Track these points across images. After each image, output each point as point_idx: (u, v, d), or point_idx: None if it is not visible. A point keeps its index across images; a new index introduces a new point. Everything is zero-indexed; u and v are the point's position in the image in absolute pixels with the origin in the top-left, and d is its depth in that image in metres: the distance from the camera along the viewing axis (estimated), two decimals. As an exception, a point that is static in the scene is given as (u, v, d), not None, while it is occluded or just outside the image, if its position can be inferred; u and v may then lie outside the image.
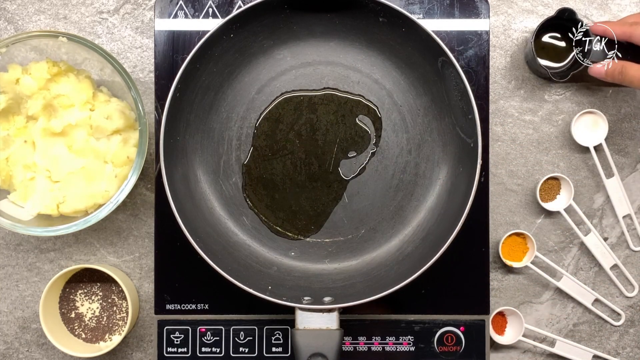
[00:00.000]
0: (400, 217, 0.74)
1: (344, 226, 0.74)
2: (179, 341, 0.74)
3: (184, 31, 0.74)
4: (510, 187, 0.78)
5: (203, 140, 0.73)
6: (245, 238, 0.74)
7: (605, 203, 0.78)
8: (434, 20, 0.74)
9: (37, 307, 0.77)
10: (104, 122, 0.71)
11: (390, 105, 0.74)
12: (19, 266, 0.77)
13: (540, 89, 0.78)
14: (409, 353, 0.74)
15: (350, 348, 0.74)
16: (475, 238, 0.74)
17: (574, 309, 0.78)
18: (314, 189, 0.74)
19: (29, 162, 0.71)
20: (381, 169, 0.74)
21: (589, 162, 0.78)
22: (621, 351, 0.78)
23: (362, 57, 0.74)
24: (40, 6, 0.78)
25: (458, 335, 0.74)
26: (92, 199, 0.71)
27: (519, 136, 0.78)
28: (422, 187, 0.74)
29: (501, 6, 0.79)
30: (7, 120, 0.72)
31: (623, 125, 0.78)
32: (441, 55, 0.68)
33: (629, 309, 0.79)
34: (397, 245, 0.73)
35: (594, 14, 0.78)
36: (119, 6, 0.78)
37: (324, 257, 0.73)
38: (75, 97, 0.71)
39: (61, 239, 0.77)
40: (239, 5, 0.74)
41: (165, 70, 0.74)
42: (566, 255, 0.78)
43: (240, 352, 0.74)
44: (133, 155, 0.72)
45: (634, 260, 0.79)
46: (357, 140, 0.74)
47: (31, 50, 0.71)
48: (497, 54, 0.78)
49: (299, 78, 0.74)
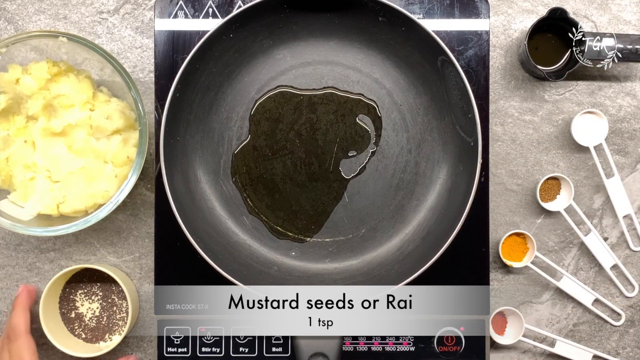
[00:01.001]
0: (401, 216, 0.74)
1: (344, 226, 0.74)
2: (179, 341, 0.73)
3: (184, 31, 0.74)
4: (510, 187, 0.78)
5: (203, 140, 0.73)
6: (245, 238, 0.74)
7: (605, 203, 0.78)
8: (434, 20, 0.74)
9: (37, 307, 0.77)
10: (104, 122, 0.71)
11: (390, 105, 0.74)
12: (19, 266, 0.77)
13: (540, 89, 0.78)
14: (409, 353, 0.74)
15: (350, 348, 0.74)
16: (475, 238, 0.74)
17: (574, 309, 0.78)
18: (314, 189, 0.74)
19: (29, 162, 0.71)
20: (381, 168, 0.74)
21: (589, 162, 0.78)
22: (621, 351, 0.78)
23: (361, 57, 0.74)
24: (40, 6, 0.78)
25: (458, 335, 0.74)
26: (92, 199, 0.71)
27: (519, 136, 0.78)
28: (423, 186, 0.74)
29: (501, 6, 0.79)
30: (7, 120, 0.72)
31: (623, 125, 0.78)
32: (441, 54, 0.68)
33: (629, 309, 0.79)
34: (398, 244, 0.73)
35: (594, 14, 0.78)
36: (119, 6, 0.78)
37: (324, 257, 0.73)
38: (75, 97, 0.71)
39: (61, 239, 0.77)
40: (239, 5, 0.74)
41: (165, 70, 0.74)
42: (566, 255, 0.78)
43: (240, 352, 0.74)
44: (133, 155, 0.72)
45: (634, 260, 0.79)
46: (357, 140, 0.74)
47: (31, 50, 0.71)
48: (497, 54, 0.78)
49: (298, 78, 0.74)
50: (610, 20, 0.78)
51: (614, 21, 0.78)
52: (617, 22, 0.78)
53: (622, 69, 0.78)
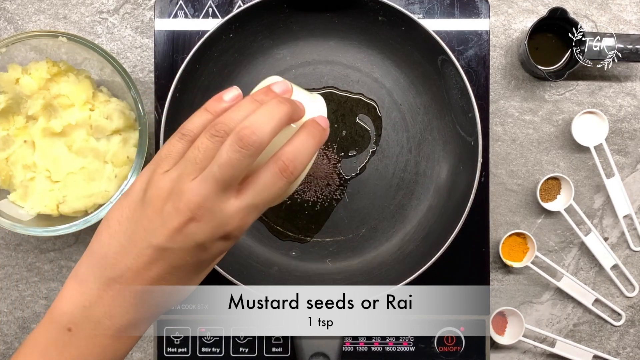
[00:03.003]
0: (401, 216, 0.74)
1: (344, 225, 0.74)
2: (178, 341, 0.73)
3: (183, 31, 0.74)
4: (510, 187, 0.78)
5: (203, 140, 0.73)
6: (245, 238, 0.74)
7: (606, 203, 0.78)
8: (434, 20, 0.74)
9: (37, 307, 0.77)
10: (103, 122, 0.71)
11: (390, 104, 0.74)
12: (18, 266, 0.77)
13: (540, 89, 0.78)
14: (409, 353, 0.74)
15: (350, 348, 0.74)
16: (475, 238, 0.74)
17: (574, 309, 0.78)
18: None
19: (29, 162, 0.71)
20: (381, 168, 0.74)
21: (589, 162, 0.78)
22: (621, 351, 0.78)
23: (361, 56, 0.74)
24: (40, 6, 0.78)
25: (458, 336, 0.74)
26: (92, 199, 0.71)
27: (519, 136, 0.78)
28: (423, 185, 0.74)
29: (501, 6, 0.79)
30: (7, 120, 0.72)
31: (623, 125, 0.78)
32: (441, 53, 0.68)
33: (629, 309, 0.79)
34: (398, 244, 0.73)
35: (594, 13, 0.78)
36: (118, 6, 0.78)
37: (324, 257, 0.73)
38: (75, 97, 0.71)
39: (61, 239, 0.77)
40: (238, 5, 0.74)
41: (165, 70, 0.74)
42: (566, 255, 0.78)
43: (240, 352, 0.74)
44: (133, 155, 0.72)
45: (634, 260, 0.79)
46: (357, 139, 0.74)
47: (31, 50, 0.71)
48: (498, 53, 0.78)
49: (298, 77, 0.74)
50: (611, 20, 0.78)
51: (614, 21, 0.78)
52: (617, 22, 0.78)
53: (623, 68, 0.78)
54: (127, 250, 0.46)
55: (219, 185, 0.45)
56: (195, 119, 0.49)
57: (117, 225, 0.47)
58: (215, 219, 0.46)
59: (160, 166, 0.47)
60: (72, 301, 0.47)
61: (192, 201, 0.45)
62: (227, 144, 0.45)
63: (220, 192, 0.46)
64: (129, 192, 0.48)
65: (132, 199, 0.47)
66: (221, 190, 0.46)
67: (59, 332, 0.47)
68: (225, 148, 0.45)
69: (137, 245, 0.46)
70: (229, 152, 0.45)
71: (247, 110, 0.47)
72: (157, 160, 0.48)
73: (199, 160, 0.46)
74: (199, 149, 0.46)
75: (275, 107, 0.47)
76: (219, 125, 0.47)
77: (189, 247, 0.46)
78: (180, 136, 0.48)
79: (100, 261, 0.47)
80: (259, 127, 0.46)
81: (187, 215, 0.45)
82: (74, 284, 0.47)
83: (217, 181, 0.45)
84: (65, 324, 0.47)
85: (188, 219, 0.45)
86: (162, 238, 0.45)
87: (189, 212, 0.45)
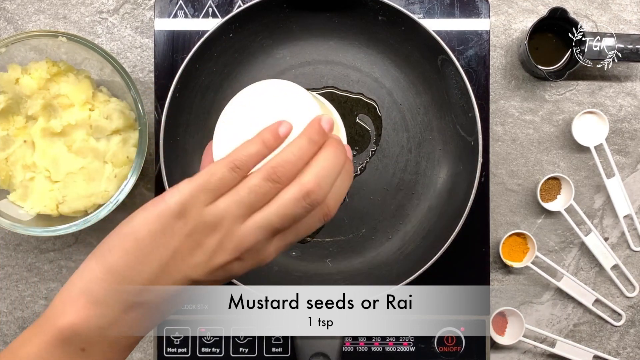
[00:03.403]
0: (401, 216, 0.74)
1: (344, 225, 0.74)
2: (178, 341, 0.73)
3: (183, 31, 0.74)
4: (510, 187, 0.78)
5: (203, 140, 0.73)
6: (245, 238, 0.73)
7: (606, 203, 0.78)
8: (434, 19, 0.74)
9: (36, 307, 0.77)
10: (103, 122, 0.71)
11: (390, 104, 0.74)
12: (18, 266, 0.77)
13: (540, 89, 0.78)
14: (409, 353, 0.74)
15: (350, 348, 0.74)
16: (475, 238, 0.74)
17: (574, 309, 0.78)
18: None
19: (29, 162, 0.71)
20: (381, 168, 0.74)
21: (590, 162, 0.78)
22: (622, 351, 0.78)
23: (361, 56, 0.74)
24: (40, 6, 0.78)
25: (458, 336, 0.74)
26: (91, 199, 0.71)
27: (519, 136, 0.78)
28: (423, 185, 0.74)
29: (501, 6, 0.78)
30: (6, 120, 0.72)
31: (623, 125, 0.78)
32: (441, 53, 0.68)
33: (630, 309, 0.78)
34: (398, 244, 0.73)
35: (594, 13, 0.78)
36: (118, 6, 0.78)
37: (324, 257, 0.73)
38: (74, 97, 0.71)
39: (61, 239, 0.77)
40: (238, 4, 0.74)
41: (165, 70, 0.74)
42: (567, 255, 0.78)
43: (240, 352, 0.74)
44: (133, 155, 0.72)
45: (635, 260, 0.78)
46: (357, 139, 0.74)
47: (31, 50, 0.71)
48: (498, 53, 0.78)
49: (298, 77, 0.74)
50: (611, 20, 0.78)
51: (614, 21, 0.78)
52: (617, 21, 0.78)
53: (623, 68, 0.78)
54: (159, 279, 0.45)
55: (272, 233, 0.45)
56: (250, 149, 0.46)
57: (144, 241, 0.44)
58: (258, 258, 0.46)
59: (204, 193, 0.45)
60: (88, 323, 0.45)
61: (244, 245, 0.45)
62: (292, 197, 0.45)
63: (271, 237, 0.46)
64: (158, 204, 0.45)
65: (163, 214, 0.44)
66: (272, 236, 0.46)
67: (73, 353, 0.45)
68: (290, 201, 0.45)
69: (171, 276, 0.45)
70: (295, 206, 0.45)
71: (304, 153, 0.46)
72: (201, 184, 0.45)
73: (254, 203, 0.45)
74: (256, 193, 0.45)
75: (336, 161, 0.47)
76: (279, 169, 0.45)
77: (223, 279, 0.47)
78: (232, 166, 0.45)
79: (122, 283, 0.45)
80: (325, 184, 0.45)
81: (234, 256, 0.45)
82: (86, 304, 0.45)
83: (272, 229, 0.45)
84: (79, 344, 0.45)
85: (234, 259, 0.45)
86: (203, 275, 0.45)
87: (237, 254, 0.45)
